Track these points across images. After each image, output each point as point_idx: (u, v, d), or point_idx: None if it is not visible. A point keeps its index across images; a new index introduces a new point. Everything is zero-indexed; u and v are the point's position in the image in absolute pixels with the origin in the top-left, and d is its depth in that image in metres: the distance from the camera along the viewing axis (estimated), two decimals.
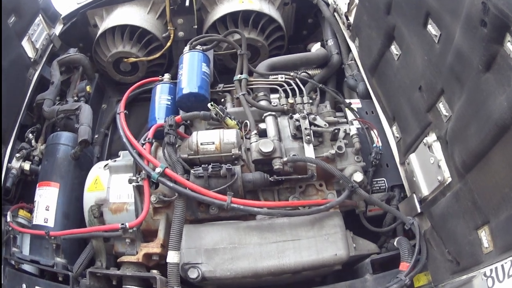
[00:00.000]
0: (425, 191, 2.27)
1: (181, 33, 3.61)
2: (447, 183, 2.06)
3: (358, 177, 2.42)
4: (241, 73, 3.01)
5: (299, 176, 2.48)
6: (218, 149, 2.45)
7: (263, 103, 2.91)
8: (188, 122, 2.79)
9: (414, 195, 2.39)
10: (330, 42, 3.42)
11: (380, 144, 2.72)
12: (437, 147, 2.17)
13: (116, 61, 3.60)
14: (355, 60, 3.25)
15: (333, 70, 3.38)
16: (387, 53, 2.68)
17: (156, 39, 3.57)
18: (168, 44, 3.59)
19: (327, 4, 3.57)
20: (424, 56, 2.22)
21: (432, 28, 2.11)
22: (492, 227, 1.70)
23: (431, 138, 2.22)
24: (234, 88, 3.02)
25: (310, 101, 2.90)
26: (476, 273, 1.74)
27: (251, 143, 2.52)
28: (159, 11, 3.62)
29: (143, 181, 2.35)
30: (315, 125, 2.63)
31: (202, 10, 3.63)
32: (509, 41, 1.56)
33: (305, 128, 2.59)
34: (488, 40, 1.64)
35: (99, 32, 3.54)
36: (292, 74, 3.02)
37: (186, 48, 3.07)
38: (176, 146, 2.52)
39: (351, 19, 3.21)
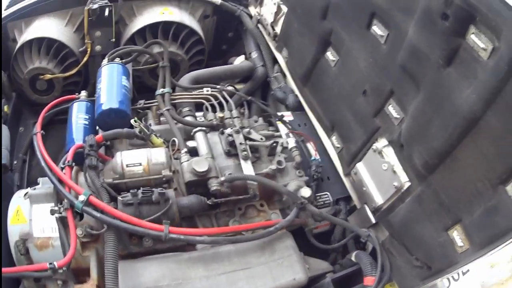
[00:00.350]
0: (379, 200, 2.15)
1: (98, 47, 3.21)
2: (405, 188, 1.97)
3: (306, 192, 2.22)
4: (164, 87, 2.69)
5: (240, 197, 2.22)
6: (147, 171, 2.09)
7: (189, 119, 2.61)
8: (109, 142, 2.38)
9: (366, 206, 2.27)
10: (254, 55, 3.26)
11: (318, 157, 2.60)
12: (389, 152, 2.08)
13: (32, 79, 3.13)
14: (281, 72, 3.13)
15: (258, 83, 3.22)
16: (322, 60, 2.60)
17: (73, 54, 3.17)
18: (85, 59, 3.16)
19: (250, 16, 3.43)
20: (369, 59, 2.15)
21: (377, 29, 2.06)
22: (466, 224, 1.63)
23: (381, 143, 2.13)
24: (156, 104, 2.67)
25: (239, 115, 2.67)
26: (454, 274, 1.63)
27: (181, 163, 2.22)
28: (77, 24, 3.23)
29: (67, 212, 1.92)
30: (251, 140, 2.40)
31: (120, 22, 3.27)
32: (473, 33, 1.52)
33: (240, 143, 2.35)
34: (449, 34, 1.60)
35: (17, 46, 3.07)
36: (218, 86, 2.78)
37: (105, 61, 2.70)
38: (99, 169, 2.11)
39: (278, 29, 3.10)
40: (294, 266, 2.04)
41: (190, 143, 2.43)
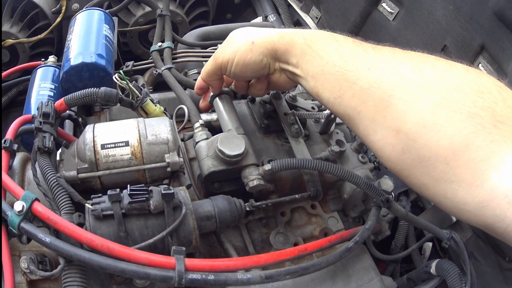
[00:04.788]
0: None
1: (75, 5, 2.05)
2: None
3: (387, 184, 1.20)
4: (163, 42, 1.59)
5: (297, 196, 1.14)
6: (138, 157, 0.96)
7: None
8: (81, 118, 1.26)
9: None
10: (272, 18, 2.16)
11: None
12: None
13: None
14: None
15: None
16: (374, 13, 1.61)
17: (44, 16, 2.02)
18: (58, 19, 2.01)
19: None
20: (449, 6, 1.30)
21: None
22: None
23: None
24: (151, 64, 1.57)
25: None
26: None
27: (197, 143, 1.09)
28: None
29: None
30: (298, 108, 1.33)
31: None
32: None
33: (285, 114, 1.26)
34: None
35: None
36: None
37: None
38: (58, 158, 1.02)
39: None
40: None
41: (204, 116, 1.30)
